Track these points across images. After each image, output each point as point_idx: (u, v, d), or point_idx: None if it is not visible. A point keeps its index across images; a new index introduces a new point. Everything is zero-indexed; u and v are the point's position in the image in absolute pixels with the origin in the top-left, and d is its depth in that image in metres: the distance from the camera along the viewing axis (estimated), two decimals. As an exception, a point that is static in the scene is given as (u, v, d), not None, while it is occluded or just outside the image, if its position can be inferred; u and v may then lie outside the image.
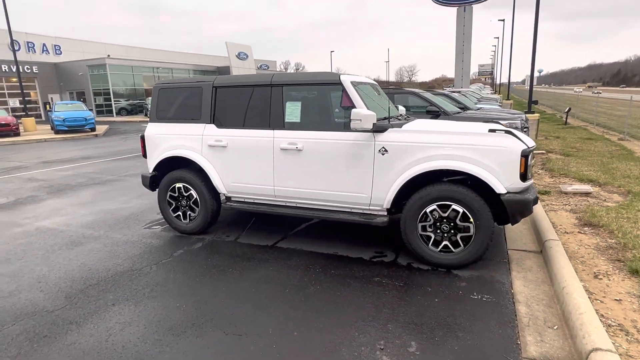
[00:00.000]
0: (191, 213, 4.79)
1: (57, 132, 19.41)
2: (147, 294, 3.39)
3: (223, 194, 4.63)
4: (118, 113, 34.49)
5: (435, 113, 8.02)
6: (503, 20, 41.67)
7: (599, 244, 3.97)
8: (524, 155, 3.45)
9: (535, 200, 3.59)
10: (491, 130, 3.60)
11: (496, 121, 7.10)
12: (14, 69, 24.29)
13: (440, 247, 3.72)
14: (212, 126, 4.54)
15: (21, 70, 26.85)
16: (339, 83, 3.99)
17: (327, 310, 3.07)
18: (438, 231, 3.71)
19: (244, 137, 4.35)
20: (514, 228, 4.66)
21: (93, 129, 20.11)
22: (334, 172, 4.00)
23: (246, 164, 4.37)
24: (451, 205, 3.60)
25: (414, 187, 3.76)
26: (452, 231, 3.66)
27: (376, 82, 5.06)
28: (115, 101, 34.39)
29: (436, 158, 3.62)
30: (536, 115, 11.63)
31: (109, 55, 35.90)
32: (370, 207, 3.97)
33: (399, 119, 4.37)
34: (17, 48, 28.66)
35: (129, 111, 34.94)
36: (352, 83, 4.04)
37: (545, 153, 9.28)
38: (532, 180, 3.87)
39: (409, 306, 3.09)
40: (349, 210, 4.08)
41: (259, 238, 4.65)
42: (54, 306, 3.24)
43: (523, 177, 3.49)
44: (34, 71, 33.37)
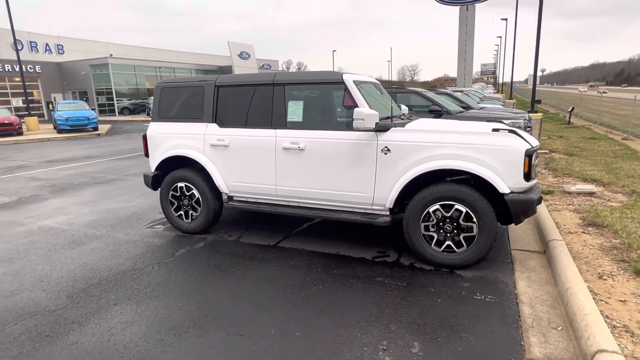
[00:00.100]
0: (193, 212, 4.78)
1: (60, 132, 19.47)
2: (149, 294, 3.39)
3: (225, 194, 4.62)
4: (120, 112, 34.57)
5: (437, 112, 8.01)
6: (506, 19, 41.60)
7: (603, 244, 3.94)
8: (528, 154, 3.42)
9: (539, 200, 3.56)
10: (495, 129, 3.57)
11: (499, 120, 7.07)
12: (17, 69, 24.37)
13: (443, 247, 3.70)
14: (214, 125, 4.52)
15: (24, 69, 26.94)
16: (342, 82, 3.97)
17: (330, 310, 3.06)
18: (441, 231, 3.69)
19: (246, 137, 4.33)
20: (518, 228, 4.64)
21: (95, 129, 20.16)
22: (336, 172, 3.98)
23: (248, 164, 4.36)
24: (454, 205, 3.58)
25: (417, 187, 3.74)
26: (455, 231, 3.64)
27: (378, 82, 5.03)
28: (117, 100, 34.48)
29: (439, 157, 3.60)
30: (539, 114, 11.57)
31: (112, 54, 35.98)
32: (372, 207, 3.96)
33: (402, 119, 4.35)
34: (20, 48, 28.76)
35: (131, 110, 35.01)
36: (355, 82, 4.01)
37: (548, 153, 9.24)
38: (536, 180, 3.85)
39: (412, 306, 3.07)
40: (351, 209, 4.07)
41: (261, 238, 4.64)
42: (56, 305, 3.24)
43: (527, 177, 3.46)
44: (37, 71, 33.47)
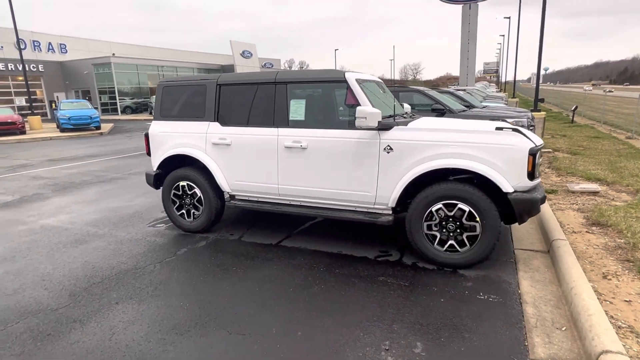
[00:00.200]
0: (195, 211, 4.77)
1: (63, 131, 19.53)
2: (151, 293, 3.39)
3: (227, 193, 4.61)
4: (123, 111, 34.62)
5: (440, 111, 7.97)
6: (509, 17, 41.55)
7: (608, 244, 3.91)
8: (532, 153, 3.39)
9: (542, 199, 3.53)
10: (498, 128, 3.55)
11: (503, 119, 7.03)
12: (20, 68, 24.39)
13: (446, 247, 3.68)
14: (216, 124, 4.51)
15: (27, 68, 26.98)
16: (344, 81, 3.95)
17: (332, 309, 3.04)
18: (444, 230, 3.67)
19: (248, 135, 4.32)
20: (521, 227, 4.61)
21: (98, 127, 20.20)
22: (339, 171, 3.96)
23: (250, 163, 4.35)
24: (457, 204, 3.56)
25: (420, 186, 3.72)
26: (458, 230, 3.62)
27: (381, 80, 5.01)
28: (120, 99, 34.52)
29: (442, 156, 3.57)
30: (542, 113, 11.51)
31: (114, 53, 36.04)
32: (375, 206, 3.94)
33: (405, 117, 4.33)
34: (23, 47, 28.86)
35: (134, 109, 35.08)
36: (357, 80, 3.99)
37: (552, 151, 9.19)
38: (540, 179, 3.82)
39: (415, 306, 3.06)
40: (354, 209, 4.05)
41: (263, 237, 4.63)
42: (58, 304, 3.24)
43: (531, 176, 3.44)
44: (40, 70, 33.55)
